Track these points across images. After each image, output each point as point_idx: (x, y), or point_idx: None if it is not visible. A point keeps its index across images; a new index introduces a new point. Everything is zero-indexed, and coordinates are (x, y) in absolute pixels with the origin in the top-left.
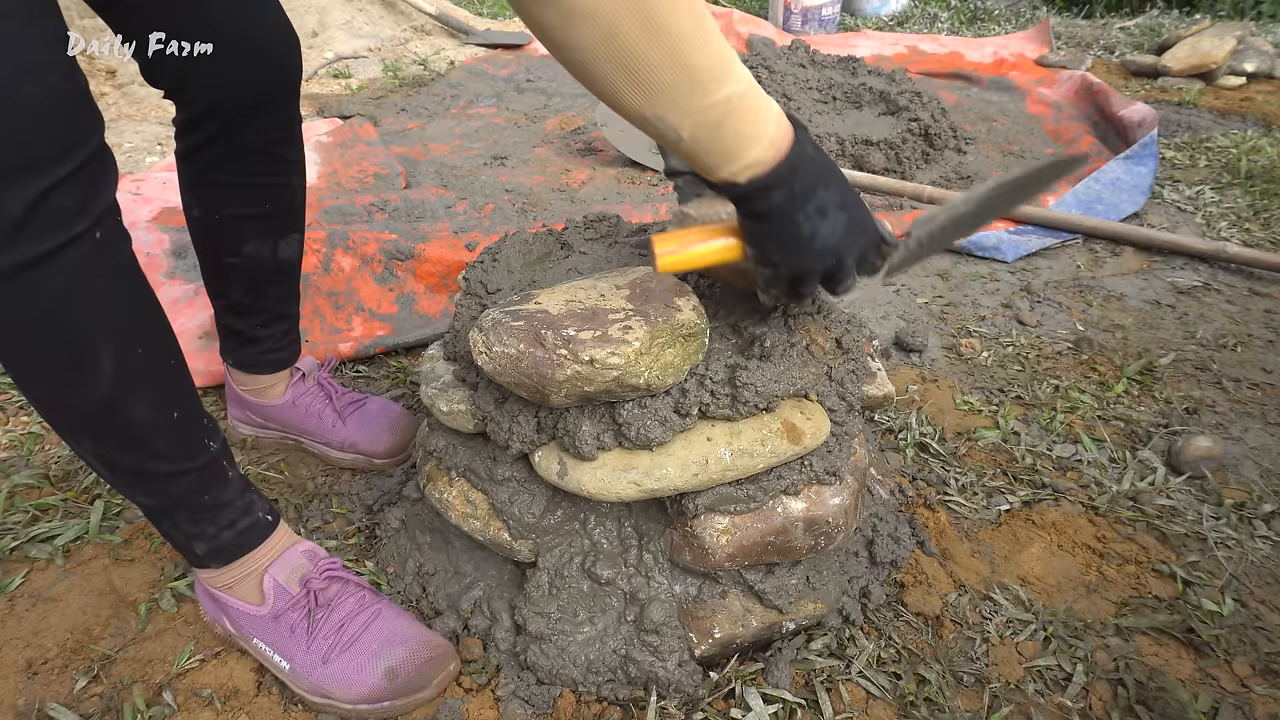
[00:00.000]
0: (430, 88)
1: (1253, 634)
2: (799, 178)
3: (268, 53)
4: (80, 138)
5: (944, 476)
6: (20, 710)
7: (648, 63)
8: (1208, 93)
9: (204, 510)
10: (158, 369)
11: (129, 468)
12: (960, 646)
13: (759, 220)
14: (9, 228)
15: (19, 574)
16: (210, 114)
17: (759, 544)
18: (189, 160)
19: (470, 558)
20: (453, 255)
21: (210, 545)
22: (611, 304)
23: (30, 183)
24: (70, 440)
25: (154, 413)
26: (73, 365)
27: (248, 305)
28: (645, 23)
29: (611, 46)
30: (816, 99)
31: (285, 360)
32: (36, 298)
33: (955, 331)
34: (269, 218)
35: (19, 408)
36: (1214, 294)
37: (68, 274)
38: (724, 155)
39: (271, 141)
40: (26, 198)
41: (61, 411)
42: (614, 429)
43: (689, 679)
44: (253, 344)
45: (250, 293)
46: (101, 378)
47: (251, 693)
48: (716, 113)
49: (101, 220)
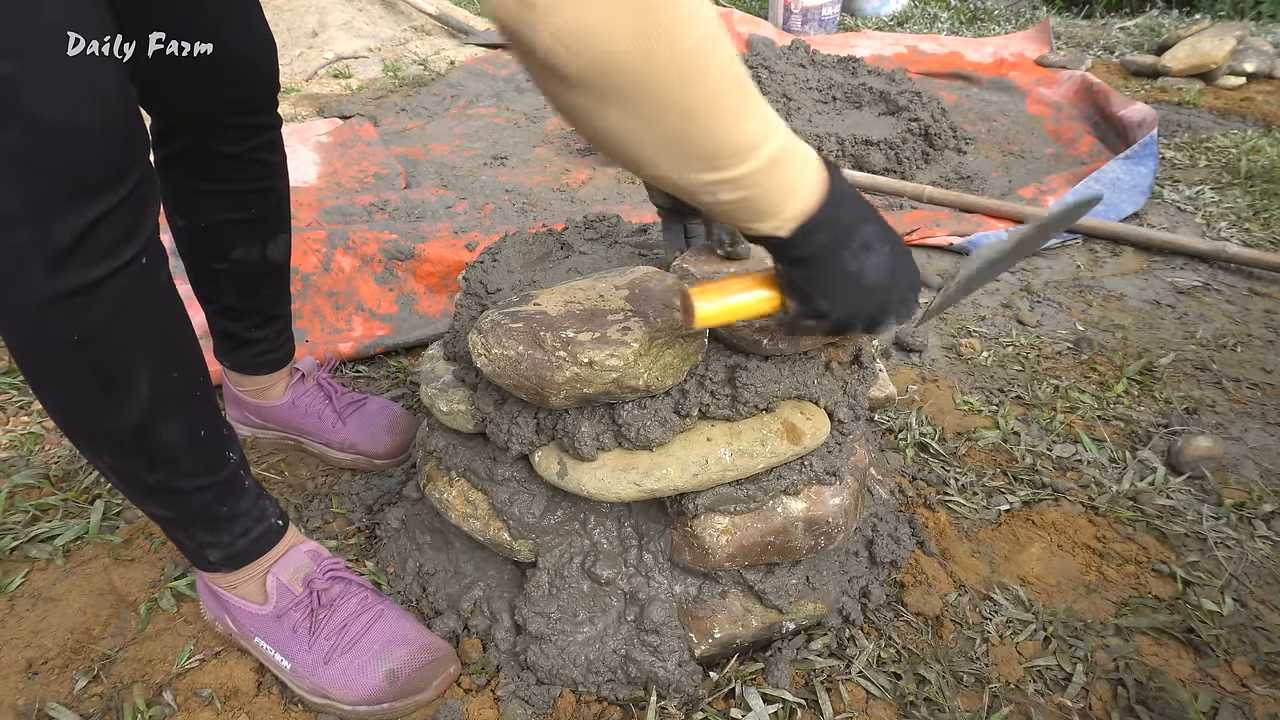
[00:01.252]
0: (430, 88)
1: (1253, 634)
2: (841, 216)
3: (256, 62)
4: (131, 160)
5: (944, 476)
6: (20, 710)
7: (690, 140)
8: (1208, 93)
9: (220, 521)
10: (191, 390)
11: (152, 484)
12: (960, 646)
13: (803, 265)
14: (57, 257)
15: (19, 574)
16: (187, 122)
17: (759, 544)
18: (168, 170)
19: (470, 558)
20: (453, 255)
21: (224, 553)
22: (610, 305)
23: (80, 211)
24: (89, 454)
25: (184, 433)
26: (108, 390)
27: (240, 309)
28: (684, 107)
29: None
30: (816, 99)
31: (280, 360)
32: (78, 325)
33: (955, 331)
34: (256, 222)
35: (19, 408)
36: (1214, 294)
37: (112, 302)
38: (768, 212)
39: (254, 148)
40: (76, 227)
41: (89, 432)
42: (614, 430)
43: (689, 679)
44: (247, 346)
45: (242, 296)
46: (137, 402)
47: (251, 692)
48: (763, 175)
49: (147, 245)
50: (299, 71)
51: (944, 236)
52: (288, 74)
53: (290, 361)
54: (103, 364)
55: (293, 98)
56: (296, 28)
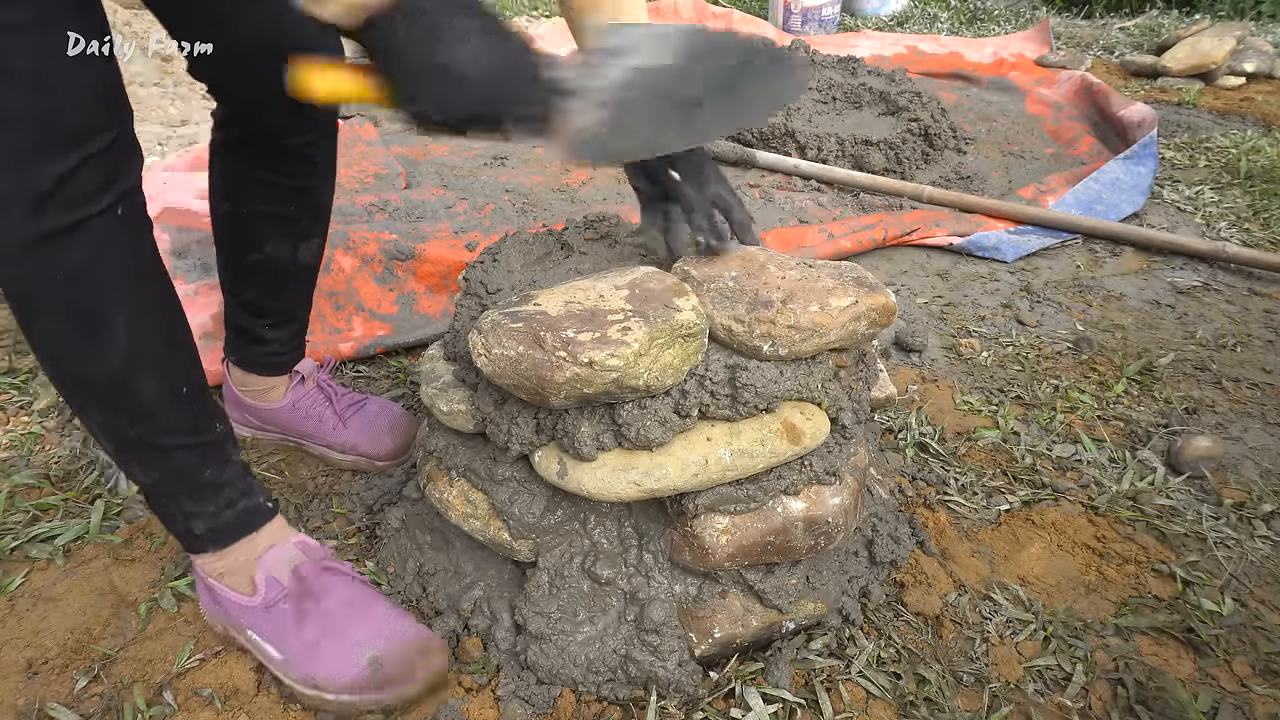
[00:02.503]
0: None
1: (1252, 634)
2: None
3: None
4: (107, 123)
5: (944, 476)
6: (20, 710)
7: None
8: (1207, 93)
9: (205, 488)
10: (170, 346)
11: (136, 439)
12: (960, 646)
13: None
14: (38, 199)
15: (19, 574)
16: (256, 110)
17: (759, 544)
18: (225, 153)
19: (470, 557)
20: (453, 255)
21: (209, 525)
22: (610, 305)
23: (61, 158)
24: (80, 412)
25: (164, 388)
26: (88, 332)
27: (262, 305)
28: None
29: None
30: (816, 99)
31: (288, 363)
32: (59, 266)
33: (955, 331)
34: (294, 219)
35: (19, 408)
36: (1214, 294)
37: (90, 246)
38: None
39: (310, 143)
40: (55, 172)
41: (75, 381)
42: (614, 430)
43: (689, 679)
44: (260, 344)
45: (267, 292)
46: (116, 347)
47: (251, 692)
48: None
49: (124, 199)
50: None
51: (944, 236)
52: None
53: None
54: (82, 305)
55: None
56: None
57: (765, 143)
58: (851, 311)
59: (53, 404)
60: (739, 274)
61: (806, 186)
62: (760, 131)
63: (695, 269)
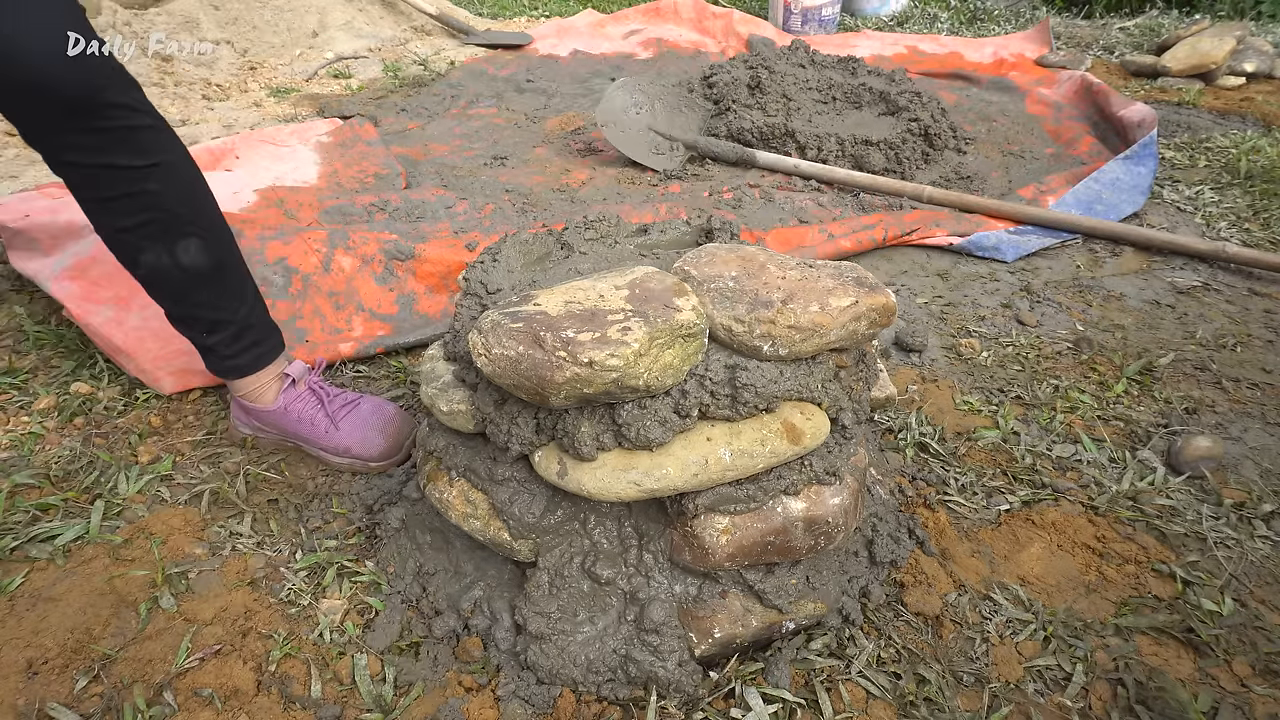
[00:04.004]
0: (430, 88)
1: (1252, 634)
2: None
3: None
4: None
5: (944, 476)
6: (20, 710)
7: None
8: (1207, 93)
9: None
10: None
11: None
12: (960, 646)
13: None
14: None
15: (19, 574)
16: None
17: (759, 544)
18: (67, 183)
19: (470, 557)
20: (453, 255)
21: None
22: (610, 305)
23: None
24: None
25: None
26: None
27: (179, 314)
28: None
29: None
30: (816, 99)
31: (245, 367)
32: None
33: (955, 331)
34: (148, 225)
35: (19, 408)
36: (1213, 294)
37: None
38: None
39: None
40: None
41: None
42: (614, 430)
43: (689, 679)
44: (208, 352)
45: (177, 302)
46: None
47: (251, 692)
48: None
49: None
50: (299, 72)
51: (944, 236)
52: (288, 74)
53: (260, 368)
54: None
55: (293, 98)
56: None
57: (765, 143)
58: (852, 311)
59: (53, 404)
60: (739, 274)
61: (806, 186)
62: (760, 131)
63: (695, 269)
